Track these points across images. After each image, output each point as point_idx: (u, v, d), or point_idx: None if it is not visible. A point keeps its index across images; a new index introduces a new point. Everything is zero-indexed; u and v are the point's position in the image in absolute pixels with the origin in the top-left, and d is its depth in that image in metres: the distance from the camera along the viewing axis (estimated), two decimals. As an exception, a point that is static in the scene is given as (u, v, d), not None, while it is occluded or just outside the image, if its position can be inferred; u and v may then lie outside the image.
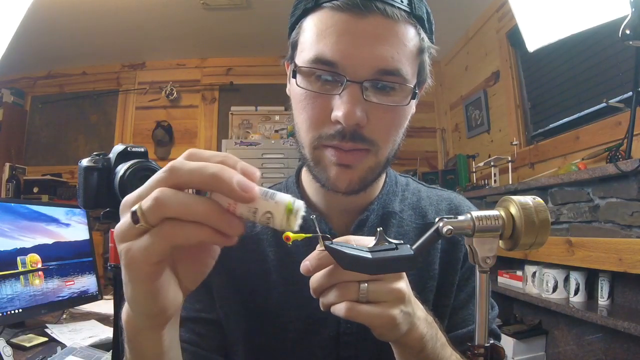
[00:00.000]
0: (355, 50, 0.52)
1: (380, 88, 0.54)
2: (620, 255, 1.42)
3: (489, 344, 0.42)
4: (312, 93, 0.55)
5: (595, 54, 2.11)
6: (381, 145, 0.56)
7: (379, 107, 0.54)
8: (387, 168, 0.62)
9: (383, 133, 0.56)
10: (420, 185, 0.74)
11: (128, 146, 0.67)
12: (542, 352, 2.01)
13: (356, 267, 0.40)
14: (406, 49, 0.54)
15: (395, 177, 0.72)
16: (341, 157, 0.55)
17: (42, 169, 3.87)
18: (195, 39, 3.69)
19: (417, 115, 2.27)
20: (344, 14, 0.52)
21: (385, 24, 0.52)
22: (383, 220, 0.66)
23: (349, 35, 0.52)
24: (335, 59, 0.52)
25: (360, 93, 0.52)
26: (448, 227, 0.41)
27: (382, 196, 0.67)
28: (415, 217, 0.68)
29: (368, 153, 0.56)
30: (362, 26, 0.51)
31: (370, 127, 0.54)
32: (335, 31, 0.52)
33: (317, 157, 0.58)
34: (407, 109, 0.57)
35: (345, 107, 0.52)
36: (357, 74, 0.52)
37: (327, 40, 0.53)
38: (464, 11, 3.15)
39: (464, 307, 0.67)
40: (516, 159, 2.64)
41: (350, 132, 0.53)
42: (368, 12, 0.51)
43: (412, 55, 0.55)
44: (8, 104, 3.89)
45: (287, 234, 0.38)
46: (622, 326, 1.40)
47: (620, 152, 1.72)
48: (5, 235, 1.23)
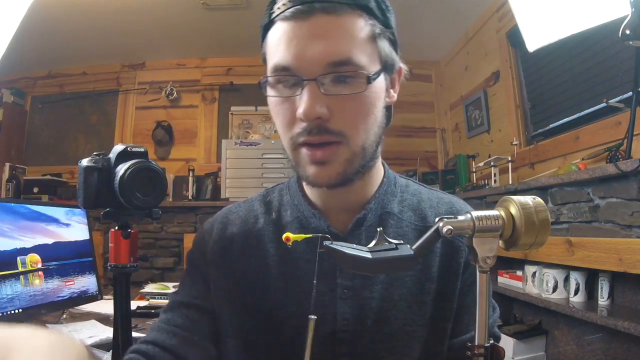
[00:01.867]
0: (304, 51, 0.55)
1: (337, 80, 0.56)
2: (620, 255, 1.42)
3: (489, 344, 0.42)
4: (280, 99, 0.59)
5: (595, 54, 2.11)
6: (350, 135, 0.58)
7: (339, 99, 0.56)
8: (370, 160, 0.63)
9: (349, 122, 0.57)
10: (421, 187, 0.74)
11: (128, 146, 0.67)
12: (542, 352, 2.01)
13: (356, 267, 0.40)
14: (355, 38, 0.56)
15: (394, 178, 0.72)
16: (314, 155, 0.58)
17: (42, 169, 3.86)
18: (195, 39, 3.69)
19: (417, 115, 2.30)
20: (291, 22, 0.56)
21: (328, 20, 0.55)
22: (381, 220, 0.67)
23: (297, 39, 0.55)
24: (289, 63, 0.56)
25: (318, 89, 0.55)
26: (448, 227, 0.41)
27: (379, 195, 0.68)
28: (415, 218, 0.69)
29: (339, 145, 0.58)
30: (308, 28, 0.55)
31: (334, 119, 0.56)
32: (286, 39, 0.56)
33: (296, 158, 0.61)
34: (370, 95, 0.58)
35: (303, 104, 0.55)
36: (311, 71, 0.55)
37: (280, 49, 0.57)
38: (464, 11, 3.15)
39: (469, 312, 0.67)
40: (516, 159, 2.64)
41: (315, 127, 0.56)
42: (311, 14, 0.55)
43: (363, 42, 0.57)
44: (8, 104, 3.88)
45: (287, 234, 0.39)
46: (622, 326, 1.40)
47: (620, 152, 1.72)
48: (5, 235, 1.23)
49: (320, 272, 0.61)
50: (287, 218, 0.68)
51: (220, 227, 0.71)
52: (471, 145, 3.44)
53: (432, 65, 4.01)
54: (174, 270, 3.39)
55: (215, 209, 3.05)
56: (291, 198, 0.70)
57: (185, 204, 3.45)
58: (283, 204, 0.71)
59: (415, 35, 3.52)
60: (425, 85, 4.01)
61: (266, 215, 0.70)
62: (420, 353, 0.64)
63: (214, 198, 3.50)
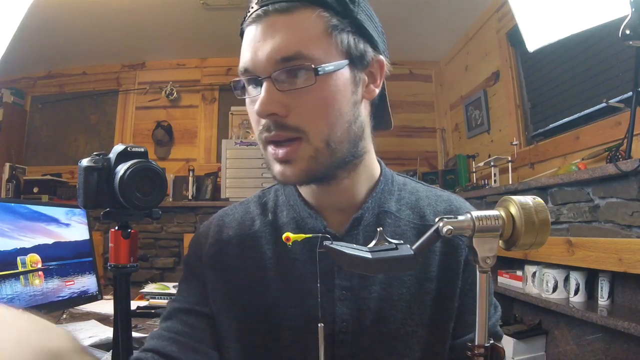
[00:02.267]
0: (257, 52, 0.57)
1: (292, 76, 0.56)
2: (620, 255, 1.42)
3: (489, 344, 0.42)
4: (248, 100, 0.61)
5: (595, 54, 2.11)
6: (308, 131, 0.57)
7: (295, 94, 0.56)
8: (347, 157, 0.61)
9: (306, 117, 0.57)
10: (419, 185, 0.73)
11: (128, 146, 0.67)
12: (542, 352, 2.01)
13: (356, 267, 0.40)
14: (306, 33, 0.56)
15: (392, 176, 0.71)
16: (277, 153, 0.58)
17: (42, 169, 3.86)
18: (195, 39, 3.69)
19: (417, 115, 2.31)
20: (251, 26, 0.58)
21: (279, 19, 0.56)
22: (379, 219, 0.66)
23: (253, 42, 0.57)
24: (247, 65, 0.58)
25: (273, 86, 0.56)
26: (448, 227, 0.41)
27: (376, 194, 0.67)
28: (414, 217, 0.68)
29: (300, 142, 0.57)
30: (262, 30, 0.57)
31: (292, 115, 0.57)
32: (246, 43, 0.59)
33: (266, 156, 0.61)
34: (326, 88, 0.57)
35: (258, 102, 0.56)
36: (265, 70, 0.56)
37: (242, 54, 0.59)
38: (464, 11, 3.15)
39: (471, 312, 0.65)
40: (516, 159, 2.64)
41: (272, 124, 0.57)
42: (266, 16, 0.56)
43: (317, 36, 0.57)
44: (8, 104, 3.88)
45: (287, 234, 0.39)
46: (622, 326, 1.40)
47: (620, 152, 1.72)
48: (5, 235, 1.23)
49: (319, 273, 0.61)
50: (284, 219, 0.68)
51: (216, 230, 0.70)
52: (471, 145, 3.44)
53: (432, 65, 4.01)
54: (174, 270, 3.39)
55: (216, 209, 3.04)
56: (287, 198, 0.70)
57: (185, 204, 3.45)
58: (279, 204, 0.70)
59: (415, 35, 3.52)
60: (425, 85, 4.01)
61: (262, 217, 0.70)
62: (420, 353, 0.63)
63: (214, 198, 3.50)
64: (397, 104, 4.18)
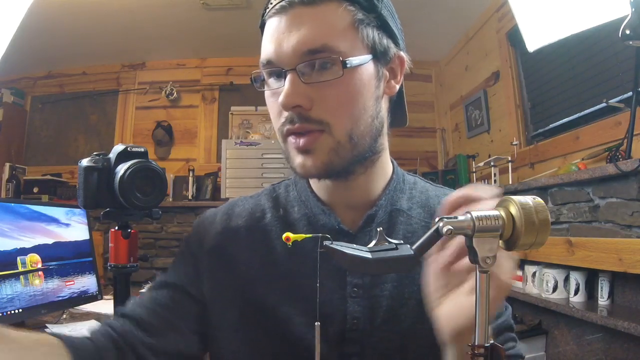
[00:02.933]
0: (282, 43, 0.56)
1: (318, 68, 0.56)
2: (620, 255, 1.42)
3: (489, 344, 0.42)
4: (269, 92, 0.61)
5: (595, 54, 2.11)
6: (332, 124, 0.57)
7: (320, 87, 0.56)
8: (367, 153, 0.62)
9: (330, 110, 0.57)
10: (428, 184, 0.74)
11: (128, 146, 0.67)
12: (542, 352, 2.01)
13: (356, 267, 0.40)
14: (332, 25, 0.56)
15: (403, 175, 0.72)
16: (297, 142, 0.58)
17: (42, 169, 3.86)
18: (195, 39, 3.69)
19: (417, 115, 2.31)
20: (275, 18, 0.58)
21: (305, 11, 0.56)
22: (391, 217, 0.66)
23: (277, 33, 0.57)
24: (270, 57, 0.58)
25: (298, 78, 0.56)
26: (448, 227, 0.41)
27: (389, 192, 0.67)
28: (424, 215, 0.68)
29: (322, 134, 0.57)
30: (286, 21, 0.56)
31: (316, 107, 0.57)
32: (269, 35, 0.58)
33: (286, 148, 0.61)
34: (352, 82, 0.57)
35: (282, 94, 0.56)
36: (290, 62, 0.56)
37: (265, 45, 0.59)
38: (464, 11, 3.15)
39: None
40: (516, 159, 2.64)
41: (296, 116, 0.57)
42: (291, 7, 0.56)
43: (343, 29, 0.57)
44: (8, 104, 3.88)
45: (287, 234, 0.39)
46: (622, 326, 1.40)
47: (620, 152, 1.72)
48: (5, 235, 1.23)
49: (330, 270, 0.60)
50: (295, 215, 0.67)
51: (224, 218, 0.70)
52: (471, 145, 3.44)
53: (432, 65, 4.01)
54: (174, 270, 3.39)
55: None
56: (298, 194, 0.69)
57: (185, 204, 3.45)
58: (289, 200, 0.70)
59: (415, 35, 3.52)
60: (425, 85, 4.01)
61: (274, 211, 0.69)
62: (429, 350, 0.61)
63: (214, 198, 3.50)
64: (397, 104, 4.19)
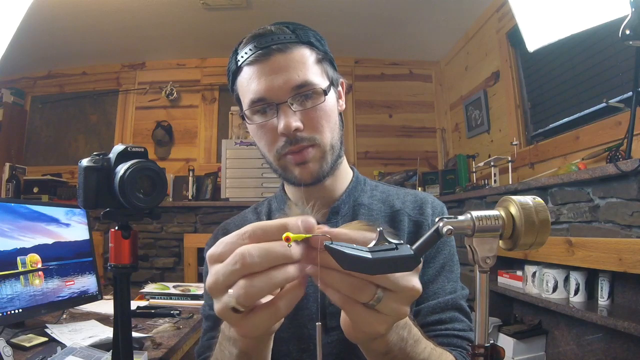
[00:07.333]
0: (273, 83, 0.71)
1: (302, 99, 0.72)
2: (620, 255, 1.42)
3: (489, 344, 0.42)
4: (261, 124, 0.74)
5: (595, 54, 2.11)
6: (319, 137, 0.74)
7: (306, 112, 0.72)
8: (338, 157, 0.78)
9: (316, 127, 0.73)
10: (390, 187, 0.88)
11: (128, 146, 0.67)
12: (542, 352, 2.01)
13: (356, 267, 0.40)
14: (306, 65, 0.73)
15: (364, 180, 0.87)
16: (297, 158, 0.73)
17: (42, 169, 3.86)
18: (195, 39, 3.69)
19: (417, 115, 2.33)
20: (256, 65, 0.72)
21: (284, 57, 0.71)
22: (354, 210, 0.81)
23: (264, 76, 0.71)
24: (263, 94, 0.72)
25: (289, 109, 0.71)
26: (448, 227, 0.41)
27: (349, 190, 0.82)
28: (384, 208, 0.82)
29: (313, 147, 0.74)
30: (270, 66, 0.71)
31: (306, 128, 0.72)
32: (255, 77, 0.72)
33: (282, 166, 0.76)
34: (328, 104, 0.74)
35: (282, 123, 0.71)
36: (281, 97, 0.71)
37: (253, 86, 0.72)
38: (464, 11, 3.15)
39: (434, 282, 0.76)
40: (516, 159, 2.64)
41: (294, 138, 0.72)
42: (270, 55, 0.71)
43: (313, 67, 0.74)
44: (8, 104, 3.88)
45: (287, 234, 0.39)
46: (622, 326, 1.40)
47: (620, 152, 1.72)
48: (5, 235, 1.23)
49: None
50: None
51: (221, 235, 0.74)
52: (471, 145, 3.44)
53: (432, 65, 4.01)
54: (174, 270, 3.39)
55: (216, 209, 3.05)
56: (278, 204, 0.85)
57: (185, 204, 3.45)
58: (272, 210, 0.86)
59: (415, 35, 3.53)
60: (425, 85, 4.01)
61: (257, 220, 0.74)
62: None
63: (214, 198, 3.50)
64: (397, 104, 4.19)
